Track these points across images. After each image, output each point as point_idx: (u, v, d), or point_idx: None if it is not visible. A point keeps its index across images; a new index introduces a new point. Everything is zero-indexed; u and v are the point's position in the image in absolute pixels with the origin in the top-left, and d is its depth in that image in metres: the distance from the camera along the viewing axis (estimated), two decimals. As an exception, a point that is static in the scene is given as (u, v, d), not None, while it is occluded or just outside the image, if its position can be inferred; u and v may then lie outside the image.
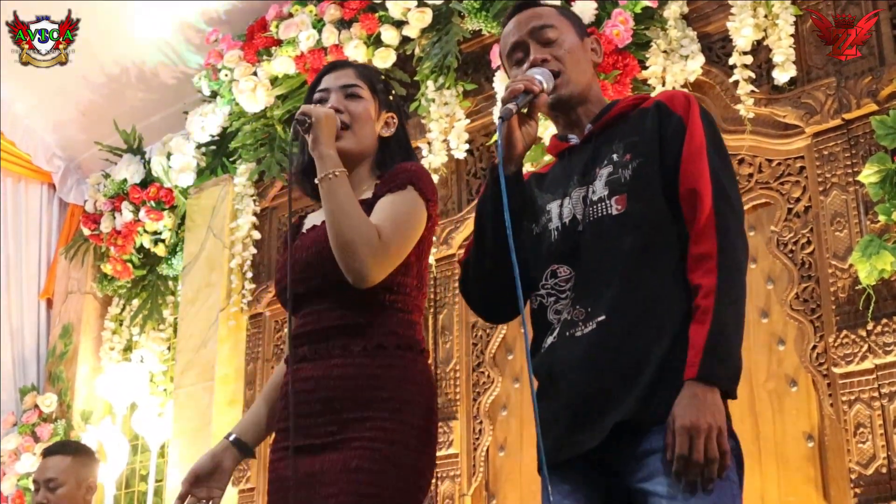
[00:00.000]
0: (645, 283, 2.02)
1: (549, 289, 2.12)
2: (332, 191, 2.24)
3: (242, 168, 5.43)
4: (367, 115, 2.45)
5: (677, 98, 2.16)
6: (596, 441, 1.97)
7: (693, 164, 2.06)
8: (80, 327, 6.20)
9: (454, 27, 4.65)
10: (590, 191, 2.12)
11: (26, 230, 6.53)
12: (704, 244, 2.00)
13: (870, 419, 3.30)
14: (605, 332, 2.00)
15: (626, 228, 2.06)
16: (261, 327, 5.32)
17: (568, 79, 2.19)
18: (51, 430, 5.87)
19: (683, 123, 2.10)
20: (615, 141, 2.16)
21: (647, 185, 2.08)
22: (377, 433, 2.20)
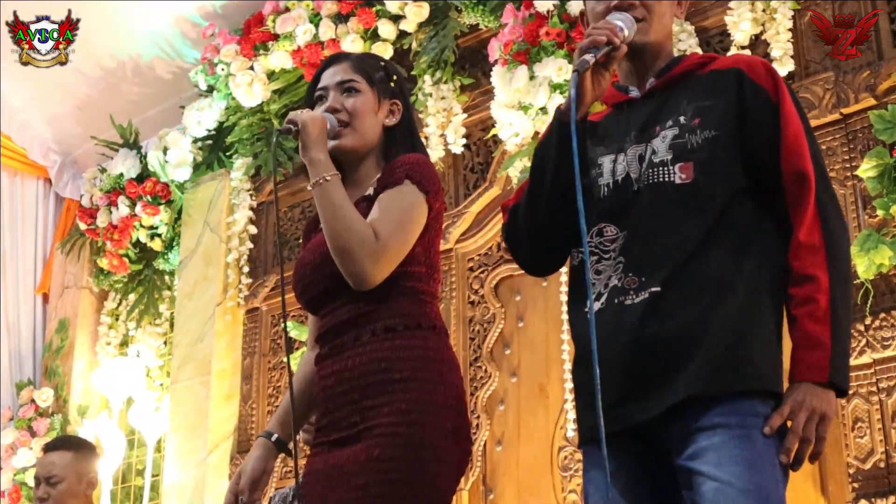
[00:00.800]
0: (707, 262, 1.94)
1: (593, 247, 2.03)
2: (324, 196, 2.24)
3: (239, 163, 5.43)
4: (366, 108, 2.43)
5: (758, 68, 2.06)
6: (648, 415, 1.92)
7: (796, 146, 1.99)
8: (77, 322, 6.18)
9: (451, 22, 4.64)
10: (649, 150, 2.03)
11: (22, 225, 6.51)
12: (811, 235, 1.95)
13: (868, 414, 3.30)
14: (660, 303, 1.92)
15: (690, 201, 1.97)
16: (257, 322, 5.31)
17: (648, 27, 2.11)
18: (47, 424, 5.86)
19: (772, 101, 2.02)
20: (682, 101, 2.06)
21: (720, 161, 1.99)
22: (395, 417, 2.20)
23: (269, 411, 5.14)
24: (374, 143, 2.45)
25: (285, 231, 5.38)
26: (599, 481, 1.96)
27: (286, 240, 5.35)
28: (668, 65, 2.14)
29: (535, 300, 4.31)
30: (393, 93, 2.49)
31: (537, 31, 4.03)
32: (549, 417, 4.12)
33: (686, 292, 1.92)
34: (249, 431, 5.17)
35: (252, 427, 5.16)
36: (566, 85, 3.97)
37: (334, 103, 2.40)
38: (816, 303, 1.90)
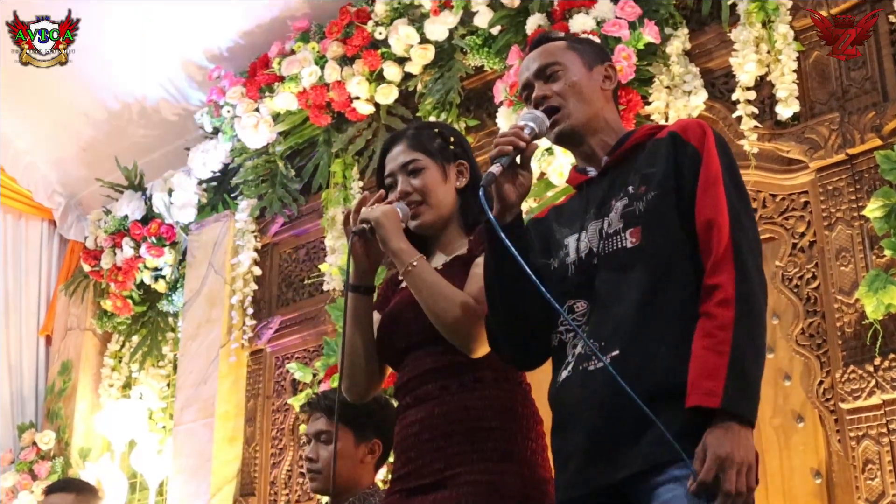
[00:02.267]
0: (658, 318, 1.99)
1: (568, 325, 2.09)
2: (417, 280, 2.29)
3: (244, 204, 5.43)
4: (434, 182, 2.47)
5: (691, 127, 2.14)
6: (614, 478, 1.94)
7: (709, 194, 2.03)
8: (80, 364, 6.17)
9: (456, 63, 4.67)
10: (605, 223, 2.11)
11: (26, 267, 6.52)
12: (720, 275, 1.96)
13: (878, 455, 3.27)
14: (619, 368, 1.94)
15: (639, 261, 2.03)
16: (262, 363, 5.29)
17: (568, 112, 2.19)
18: (48, 467, 5.82)
19: (699, 153, 2.08)
20: (631, 172, 2.14)
21: (662, 218, 2.05)
22: (484, 465, 2.23)
23: (273, 454, 5.11)
24: (452, 209, 2.49)
25: (289, 272, 5.37)
26: None
27: (290, 281, 5.34)
28: (619, 140, 2.22)
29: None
30: (455, 154, 2.53)
31: (543, 73, 4.04)
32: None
33: (640, 355, 1.97)
34: (252, 474, 5.13)
35: (255, 470, 5.12)
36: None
37: (404, 187, 2.47)
38: (714, 337, 1.91)
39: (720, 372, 1.87)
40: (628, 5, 4.02)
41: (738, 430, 1.87)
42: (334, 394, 3.14)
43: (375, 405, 3.07)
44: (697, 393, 1.88)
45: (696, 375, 1.89)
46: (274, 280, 5.42)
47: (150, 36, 5.59)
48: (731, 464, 1.84)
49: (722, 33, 3.95)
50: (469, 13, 4.58)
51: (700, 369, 1.90)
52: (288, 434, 5.08)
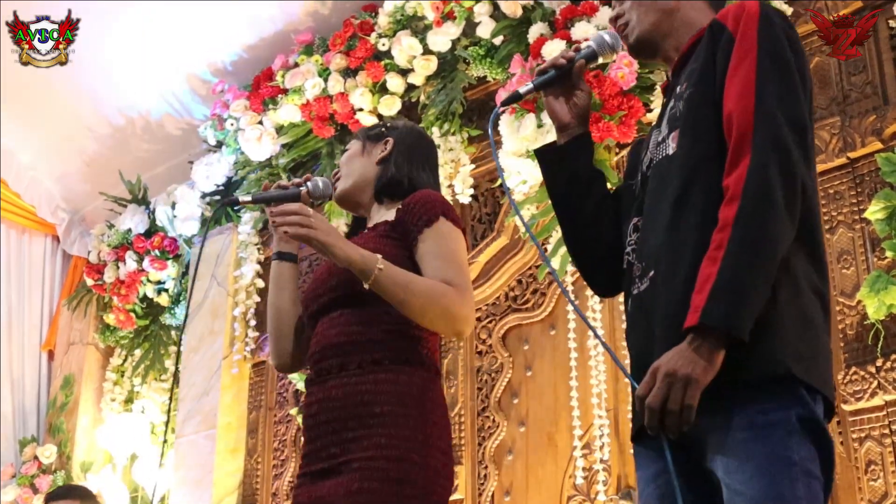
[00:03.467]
0: (682, 232, 1.81)
1: (633, 244, 1.98)
2: (386, 284, 2.25)
3: (247, 217, 5.45)
4: (351, 155, 2.59)
5: (732, 10, 1.91)
6: None
7: (734, 81, 1.81)
8: (82, 378, 6.16)
9: (459, 74, 4.69)
10: (659, 132, 2.00)
11: (29, 282, 6.52)
12: (733, 173, 1.74)
13: (881, 456, 3.26)
14: (653, 288, 1.83)
15: (674, 169, 1.87)
16: (264, 375, 5.29)
17: (632, 25, 2.09)
18: (50, 481, 5.80)
19: (733, 36, 1.86)
20: (683, 74, 1.99)
21: (696, 118, 1.87)
22: (375, 451, 2.21)
23: (275, 465, 5.10)
24: (369, 179, 2.55)
25: (292, 284, 5.38)
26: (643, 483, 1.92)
27: (293, 293, 5.35)
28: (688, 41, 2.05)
29: (543, 349, 4.29)
30: (382, 135, 2.61)
31: (545, 80, 4.06)
32: (557, 467, 4.08)
33: (670, 275, 1.81)
34: (254, 486, 5.12)
35: (257, 482, 5.11)
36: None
37: (333, 174, 2.62)
38: (713, 242, 1.72)
39: (708, 283, 1.68)
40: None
41: (697, 345, 1.67)
42: None
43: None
44: (689, 313, 1.70)
45: (694, 291, 1.71)
46: (276, 292, 5.41)
47: (154, 50, 5.63)
48: (664, 376, 1.67)
49: (723, 41, 3.98)
50: (471, 24, 4.61)
51: (696, 283, 1.71)
52: (290, 445, 5.07)
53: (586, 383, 3.93)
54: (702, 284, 1.69)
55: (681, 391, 1.66)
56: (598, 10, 4.13)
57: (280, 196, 2.45)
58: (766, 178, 1.71)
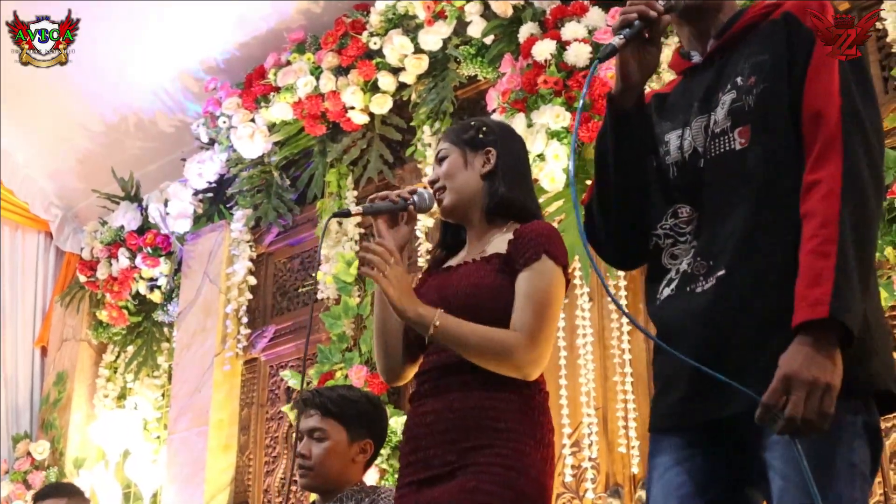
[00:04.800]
0: (769, 232, 1.77)
1: (668, 229, 1.91)
2: (448, 338, 2.29)
3: (239, 214, 5.47)
4: (454, 167, 2.50)
5: (808, 7, 1.85)
6: (713, 415, 1.78)
7: (820, 79, 1.77)
8: (75, 374, 6.18)
9: (450, 73, 4.72)
10: (711, 120, 1.88)
11: (22, 278, 6.54)
12: (824, 168, 1.71)
13: (865, 455, 3.28)
14: (726, 288, 1.78)
15: (749, 166, 1.81)
16: (255, 372, 5.31)
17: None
18: (42, 477, 5.83)
19: (813, 34, 1.81)
20: (741, 60, 1.88)
21: (773, 114, 1.80)
22: (494, 458, 2.24)
23: (267, 462, 5.12)
24: (475, 194, 2.49)
25: (284, 281, 5.40)
26: (662, 468, 1.87)
27: (285, 290, 5.37)
28: (728, 21, 1.96)
29: (532, 347, 4.30)
30: (483, 143, 2.53)
31: (535, 80, 4.09)
32: (547, 464, 4.10)
33: (751, 275, 1.77)
34: (246, 482, 5.14)
35: (249, 478, 5.14)
36: (563, 132, 4.02)
37: (432, 176, 2.54)
38: (817, 237, 1.68)
39: (826, 276, 1.64)
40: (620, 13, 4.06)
41: (820, 346, 1.63)
42: (329, 391, 3.16)
43: (369, 405, 3.09)
44: (803, 306, 1.65)
45: (803, 286, 1.66)
46: (268, 289, 5.45)
47: (147, 48, 5.64)
48: (798, 384, 1.61)
49: (712, 42, 3.99)
50: (462, 23, 4.63)
51: (806, 278, 1.67)
52: (282, 442, 5.09)
53: (575, 382, 3.95)
54: (814, 279, 1.66)
55: (819, 400, 1.63)
56: (588, 11, 4.15)
57: (388, 209, 2.48)
58: (861, 177, 1.71)
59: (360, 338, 4.74)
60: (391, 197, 2.50)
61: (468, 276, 2.41)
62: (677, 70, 2.07)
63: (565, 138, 4.03)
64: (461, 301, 2.36)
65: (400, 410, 4.50)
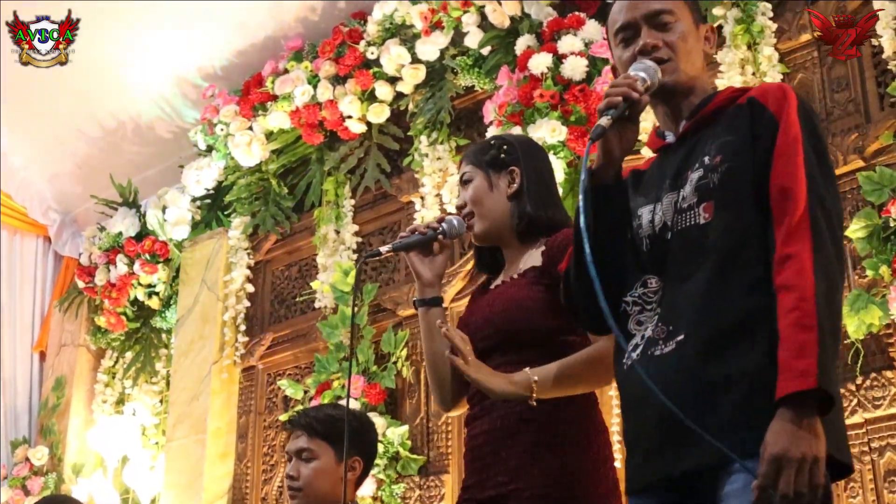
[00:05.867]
0: (724, 298, 1.86)
1: (637, 297, 2.00)
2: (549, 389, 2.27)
3: (237, 221, 5.47)
4: (480, 191, 2.51)
5: (771, 91, 1.98)
6: (674, 470, 1.85)
7: (786, 161, 1.88)
8: (73, 380, 6.18)
9: (447, 83, 4.72)
10: (680, 196, 1.98)
11: (21, 282, 6.55)
12: (796, 244, 1.81)
13: (860, 473, 3.30)
14: (683, 352, 1.86)
15: (711, 239, 1.90)
16: (253, 380, 5.32)
17: (676, 66, 2.05)
18: (41, 483, 5.83)
19: (776, 119, 1.92)
20: (709, 141, 1.99)
21: (736, 192, 1.91)
22: (545, 479, 2.25)
23: (264, 470, 5.13)
24: (504, 215, 2.50)
25: (282, 289, 5.41)
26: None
27: (283, 298, 5.38)
28: (700, 104, 2.07)
29: (529, 359, 4.31)
30: (505, 163, 2.53)
31: (531, 93, 4.09)
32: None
33: (708, 340, 1.85)
34: (244, 491, 5.15)
35: (247, 486, 5.15)
36: (560, 146, 4.02)
37: (459, 202, 2.55)
38: (799, 311, 1.76)
39: (810, 348, 1.72)
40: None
41: (801, 419, 1.70)
42: (315, 411, 3.17)
43: (356, 423, 3.10)
44: (791, 377, 1.72)
45: (788, 357, 1.74)
46: (266, 297, 5.45)
47: (146, 54, 5.64)
48: (788, 462, 1.68)
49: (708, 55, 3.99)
50: (460, 34, 4.63)
51: (791, 350, 1.74)
52: (279, 450, 5.10)
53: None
54: (799, 351, 1.73)
55: (809, 474, 1.69)
56: (585, 24, 4.15)
57: (420, 242, 2.48)
58: (829, 256, 1.82)
59: (357, 347, 4.75)
60: (419, 229, 2.50)
61: (505, 293, 2.43)
62: (653, 148, 2.15)
63: (561, 152, 4.04)
64: (500, 319, 2.38)
65: (397, 421, 4.52)
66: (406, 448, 4.44)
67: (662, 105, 2.10)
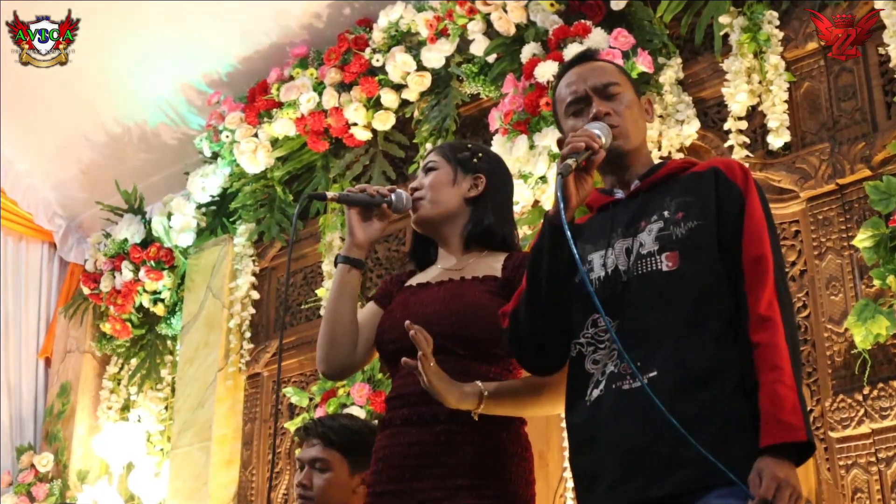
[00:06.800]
0: (698, 342, 2.04)
1: (590, 338, 2.14)
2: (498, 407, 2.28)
3: (242, 228, 5.47)
4: (439, 181, 2.52)
5: (734, 168, 2.22)
6: (645, 496, 1.97)
7: (756, 236, 2.12)
8: (78, 386, 6.18)
9: (453, 91, 4.71)
10: (636, 243, 2.16)
11: (26, 289, 6.55)
12: (771, 308, 2.04)
13: (867, 484, 3.29)
14: (657, 388, 1.97)
15: (678, 286, 2.09)
16: (259, 387, 5.32)
17: (626, 132, 2.24)
18: (46, 489, 5.84)
19: (743, 196, 2.16)
20: (666, 198, 2.20)
21: (702, 247, 2.12)
22: (487, 501, 2.24)
23: (269, 477, 5.12)
24: (453, 212, 2.52)
25: (288, 296, 5.40)
26: None
27: (289, 305, 5.37)
28: (650, 169, 2.29)
29: (535, 367, 4.30)
30: (476, 168, 2.55)
31: (537, 102, 4.08)
32: (548, 486, 4.10)
33: (683, 377, 2.01)
34: (249, 498, 5.14)
35: (252, 493, 5.14)
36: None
37: (415, 182, 2.56)
38: (782, 370, 1.98)
39: (795, 405, 1.96)
40: (622, 35, 4.06)
41: (792, 462, 1.94)
42: (331, 420, 3.14)
43: (372, 436, 3.07)
44: (781, 429, 1.93)
45: (777, 411, 1.95)
46: (271, 304, 5.45)
47: (151, 60, 5.64)
48: (786, 485, 1.89)
49: (714, 63, 3.99)
50: (465, 41, 4.62)
51: (777, 404, 1.95)
52: (285, 457, 5.10)
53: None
54: (789, 407, 1.95)
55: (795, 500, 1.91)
56: (591, 32, 4.14)
57: (364, 201, 2.48)
58: (793, 319, 2.10)
59: (363, 355, 4.74)
60: (369, 190, 2.50)
61: (460, 294, 2.40)
62: (596, 205, 2.33)
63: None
64: (459, 320, 2.34)
65: (402, 429, 4.50)
66: (411, 456, 4.43)
67: (611, 169, 2.29)
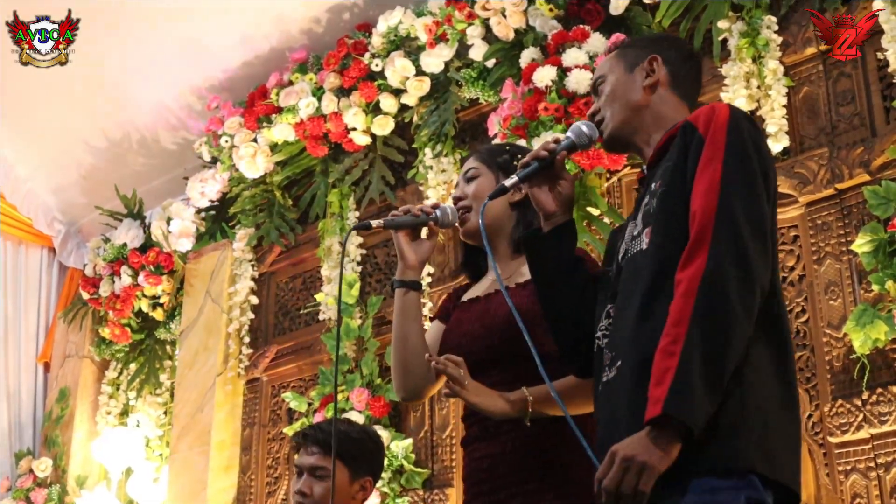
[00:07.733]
0: (650, 329, 1.84)
1: (604, 329, 2.05)
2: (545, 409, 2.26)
3: (241, 233, 5.47)
4: (483, 189, 2.46)
5: (703, 112, 1.98)
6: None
7: (702, 180, 1.88)
8: (77, 391, 6.18)
9: (452, 95, 4.71)
10: (634, 225, 2.05)
11: (25, 293, 6.55)
12: (689, 268, 1.80)
13: (866, 489, 3.28)
14: (621, 377, 1.89)
15: (646, 264, 1.93)
16: (258, 392, 5.31)
17: (606, 121, 2.16)
18: (45, 495, 5.83)
19: (703, 138, 1.93)
20: (659, 170, 2.04)
21: (668, 216, 1.93)
22: (562, 501, 2.24)
23: (268, 482, 5.12)
24: (501, 220, 2.49)
25: (286, 301, 5.40)
26: None
27: (287, 310, 5.37)
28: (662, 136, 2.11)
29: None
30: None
31: (536, 106, 4.08)
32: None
33: (633, 367, 1.87)
34: (248, 503, 5.13)
35: (251, 499, 5.13)
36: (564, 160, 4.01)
37: (458, 192, 2.52)
38: (668, 336, 1.77)
39: (668, 376, 1.73)
40: (620, 40, 4.05)
41: (657, 435, 1.73)
42: (329, 426, 3.12)
43: (371, 443, 3.07)
44: (648, 406, 1.75)
45: (651, 384, 1.76)
46: (270, 309, 5.44)
47: (151, 65, 5.63)
48: (621, 460, 1.73)
49: (713, 68, 3.98)
50: (464, 46, 4.63)
51: (653, 377, 1.76)
52: (283, 463, 5.09)
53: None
54: (660, 377, 1.74)
55: (635, 477, 1.72)
56: (590, 37, 4.14)
57: (410, 223, 2.45)
58: (721, 276, 1.78)
59: (362, 360, 4.74)
60: (413, 210, 2.47)
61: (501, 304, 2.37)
62: None
63: (567, 163, 4.03)
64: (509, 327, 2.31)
65: (401, 434, 4.51)
66: (410, 461, 4.43)
67: (626, 150, 2.23)
